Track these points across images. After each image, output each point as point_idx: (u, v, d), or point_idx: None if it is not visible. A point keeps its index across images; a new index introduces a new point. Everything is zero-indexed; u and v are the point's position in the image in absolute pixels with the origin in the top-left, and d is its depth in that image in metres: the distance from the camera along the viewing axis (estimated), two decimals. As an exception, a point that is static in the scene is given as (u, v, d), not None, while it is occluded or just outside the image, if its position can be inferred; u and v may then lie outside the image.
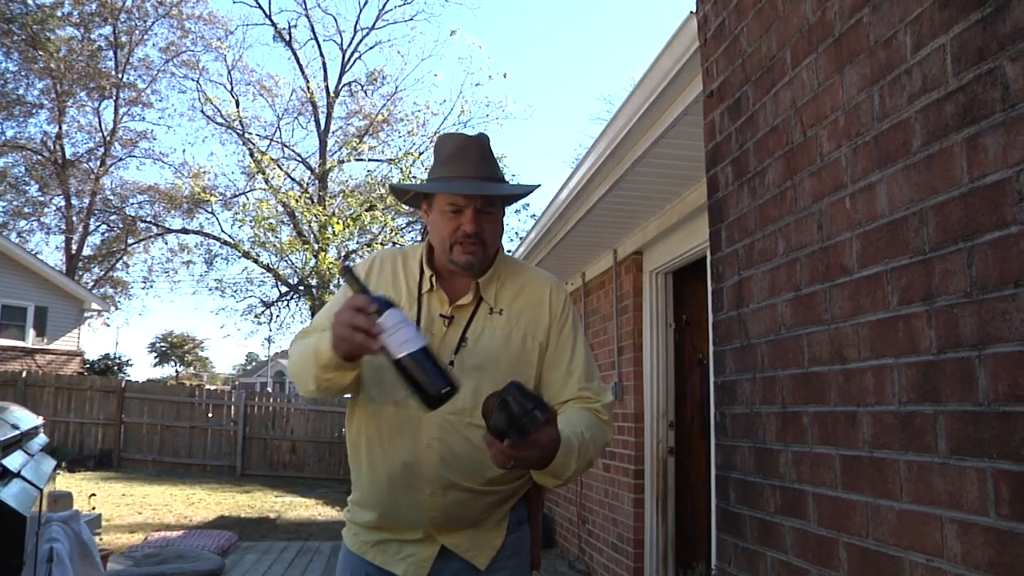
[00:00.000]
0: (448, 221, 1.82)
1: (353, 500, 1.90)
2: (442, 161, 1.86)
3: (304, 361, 1.74)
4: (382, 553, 1.83)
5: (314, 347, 1.70)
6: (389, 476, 1.78)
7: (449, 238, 1.82)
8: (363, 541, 1.86)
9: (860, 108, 1.68)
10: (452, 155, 1.85)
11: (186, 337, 58.88)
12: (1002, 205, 1.27)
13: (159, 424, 15.30)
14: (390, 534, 1.83)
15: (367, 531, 1.85)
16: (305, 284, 23.96)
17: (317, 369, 1.68)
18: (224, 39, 26.62)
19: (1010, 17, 1.27)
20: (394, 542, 1.82)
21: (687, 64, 3.14)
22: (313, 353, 1.69)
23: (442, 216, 1.82)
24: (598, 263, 6.27)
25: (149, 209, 27.36)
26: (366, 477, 1.83)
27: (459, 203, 1.81)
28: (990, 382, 1.29)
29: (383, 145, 26.41)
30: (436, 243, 1.86)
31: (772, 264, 2.03)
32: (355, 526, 1.88)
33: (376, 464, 1.81)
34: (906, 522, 1.48)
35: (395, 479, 1.78)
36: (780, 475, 1.95)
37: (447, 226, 1.82)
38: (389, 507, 1.81)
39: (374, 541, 1.84)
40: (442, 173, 1.84)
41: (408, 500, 1.78)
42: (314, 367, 1.69)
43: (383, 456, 1.80)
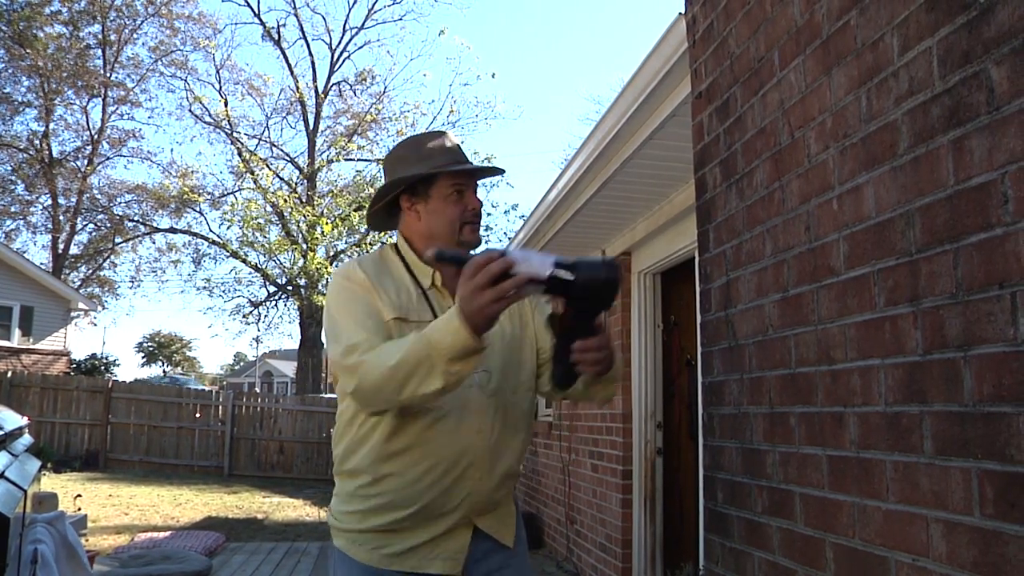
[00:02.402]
0: (453, 204, 1.89)
1: (365, 508, 1.79)
2: (425, 156, 1.91)
3: (410, 365, 1.59)
4: (413, 558, 1.78)
5: (424, 344, 1.58)
6: (435, 469, 1.77)
7: (459, 219, 1.89)
8: (386, 554, 1.77)
9: (847, 110, 1.68)
10: (434, 148, 1.93)
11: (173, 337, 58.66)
12: (987, 207, 1.28)
13: (146, 424, 15.22)
14: (423, 532, 1.79)
15: (390, 538, 1.78)
16: (293, 284, 23.91)
17: (444, 364, 1.56)
18: (212, 38, 26.54)
19: (995, 21, 1.28)
20: (425, 544, 1.79)
21: (676, 65, 3.15)
22: (426, 350, 1.57)
23: (446, 201, 1.89)
24: (587, 264, 6.26)
25: (137, 208, 27.24)
26: (399, 477, 1.76)
27: (462, 185, 1.90)
28: (975, 383, 1.29)
29: (372, 144, 26.40)
30: (442, 228, 1.89)
31: (760, 265, 2.03)
32: (369, 536, 1.78)
33: (417, 460, 1.77)
34: (892, 522, 1.49)
35: (443, 470, 1.78)
36: (767, 475, 1.95)
37: (454, 209, 1.89)
38: (430, 501, 1.78)
39: (403, 549, 1.78)
40: (433, 165, 1.89)
41: (456, 489, 1.79)
42: (439, 364, 1.56)
43: (431, 449, 1.77)
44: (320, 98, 26.88)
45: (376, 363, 1.65)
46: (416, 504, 1.77)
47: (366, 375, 1.65)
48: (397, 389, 1.61)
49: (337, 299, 1.83)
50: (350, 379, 1.67)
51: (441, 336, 1.56)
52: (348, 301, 1.82)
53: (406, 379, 1.59)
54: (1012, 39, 1.24)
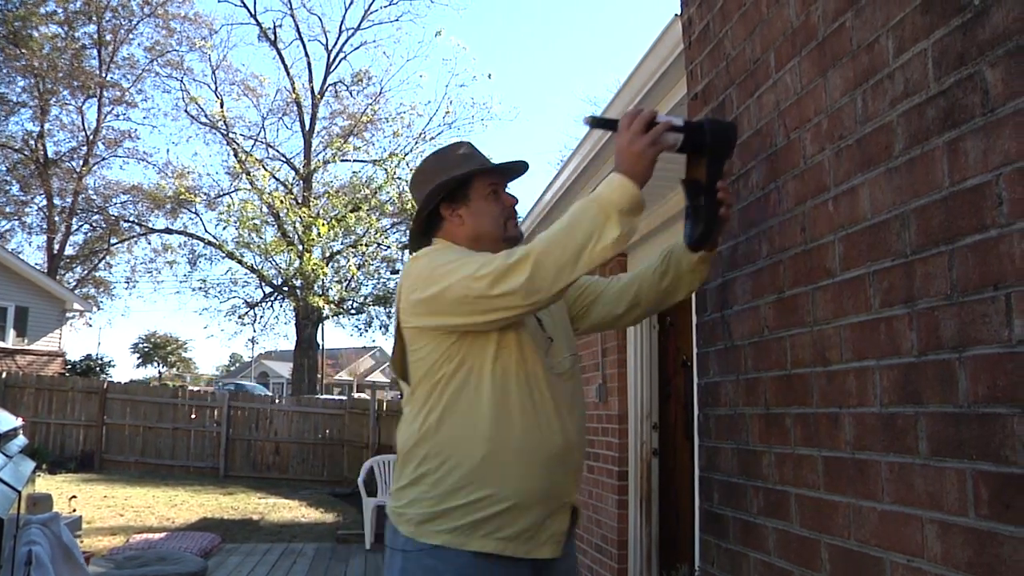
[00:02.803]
0: (494, 202, 2.02)
1: (475, 499, 1.77)
2: (455, 164, 2.01)
3: (585, 224, 1.71)
4: (526, 541, 1.80)
5: (593, 203, 1.74)
6: (549, 453, 1.84)
7: (502, 215, 2.03)
8: (501, 537, 1.78)
9: (843, 111, 1.69)
10: (462, 156, 2.04)
11: (169, 338, 58.57)
12: (982, 208, 1.28)
13: (141, 425, 15.19)
14: (535, 514, 1.81)
15: (504, 519, 1.78)
16: (289, 285, 23.91)
17: (616, 215, 1.70)
18: (208, 38, 26.52)
19: (989, 23, 1.28)
20: (535, 526, 1.82)
21: (672, 66, 3.16)
22: (596, 207, 1.72)
23: (486, 200, 2.01)
24: (583, 265, 6.26)
25: (132, 209, 27.25)
26: (516, 465, 1.79)
27: (497, 184, 2.04)
28: (970, 384, 1.30)
29: (368, 145, 26.40)
30: (488, 226, 2.00)
31: (755, 266, 2.04)
32: (482, 523, 1.77)
33: (529, 452, 1.82)
34: (887, 523, 1.49)
35: (556, 455, 1.86)
36: (763, 476, 1.96)
37: (496, 206, 2.02)
38: (548, 486, 1.84)
39: (518, 531, 1.79)
40: (465, 169, 1.99)
41: (564, 471, 1.88)
42: (613, 215, 1.70)
43: (545, 434, 1.85)
44: (316, 99, 26.88)
45: (545, 239, 1.74)
46: (530, 488, 1.80)
47: (540, 253, 1.71)
48: (577, 251, 1.69)
49: (439, 262, 1.85)
50: (518, 271, 1.70)
51: (609, 191, 1.75)
52: (451, 256, 1.86)
53: (585, 237, 1.70)
54: (1007, 41, 1.24)
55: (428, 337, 1.86)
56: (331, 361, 53.14)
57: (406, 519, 1.84)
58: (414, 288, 1.85)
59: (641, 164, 1.78)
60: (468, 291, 1.74)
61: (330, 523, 10.23)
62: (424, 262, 1.89)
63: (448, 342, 1.84)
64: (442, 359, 1.84)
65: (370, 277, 25.60)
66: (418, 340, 1.88)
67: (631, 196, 1.74)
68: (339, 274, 24.63)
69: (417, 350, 1.88)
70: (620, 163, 1.80)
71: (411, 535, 1.82)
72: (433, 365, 1.85)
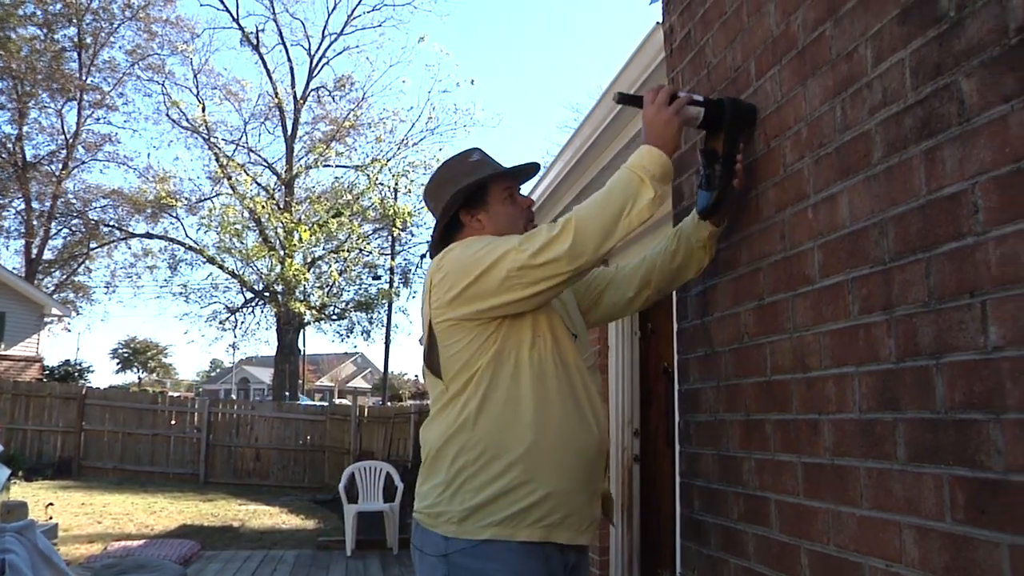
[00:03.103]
0: (512, 205, 2.09)
1: (520, 484, 1.78)
2: (469, 171, 2.06)
3: (620, 190, 1.81)
4: (569, 528, 1.84)
5: (626, 172, 1.85)
6: (587, 441, 1.90)
7: (521, 217, 2.10)
8: (547, 524, 1.80)
9: (822, 120, 1.70)
10: (475, 162, 2.09)
11: (149, 343, 58.10)
12: (958, 216, 1.30)
13: (121, 431, 15.07)
14: (576, 501, 1.86)
15: (546, 507, 1.79)
16: (271, 290, 23.80)
17: (650, 180, 1.82)
18: (190, 42, 26.41)
19: (964, 34, 1.30)
20: (576, 514, 1.86)
21: (654, 74, 3.17)
22: (629, 174, 1.84)
23: (504, 204, 2.07)
24: (565, 271, 6.27)
25: (112, 213, 27.02)
26: (558, 452, 1.82)
27: (512, 188, 2.11)
28: (947, 390, 1.31)
29: (350, 151, 26.34)
30: (508, 229, 2.03)
31: (736, 273, 2.05)
32: (526, 514, 1.77)
33: (569, 440, 1.86)
34: (866, 528, 1.50)
35: (592, 442, 1.91)
36: (743, 482, 1.96)
37: (514, 208, 2.09)
38: (588, 473, 1.89)
39: (562, 516, 1.82)
40: (481, 175, 2.04)
41: (599, 458, 1.95)
42: (646, 179, 1.81)
43: (583, 422, 1.90)
44: (299, 104, 26.82)
45: (585, 206, 1.84)
46: (572, 476, 1.84)
47: (580, 219, 1.79)
48: (616, 214, 1.79)
49: (474, 249, 1.88)
50: (562, 238, 1.77)
51: (640, 159, 1.87)
52: (484, 242, 1.90)
53: (623, 201, 1.80)
54: (981, 52, 1.26)
55: (464, 330, 1.86)
56: (312, 367, 52.92)
57: (446, 518, 1.80)
58: (449, 280, 1.86)
59: (668, 132, 1.90)
60: (512, 263, 1.78)
61: (311, 530, 10.18)
62: (456, 253, 1.91)
63: (486, 333, 1.85)
64: (479, 351, 1.85)
65: (352, 283, 25.55)
66: (453, 335, 1.88)
67: (662, 163, 1.86)
68: (321, 280, 24.55)
69: (452, 344, 1.88)
70: (649, 134, 1.91)
71: (455, 534, 1.78)
72: (471, 358, 1.85)
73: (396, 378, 53.34)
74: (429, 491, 1.87)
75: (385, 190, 23.71)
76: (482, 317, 1.85)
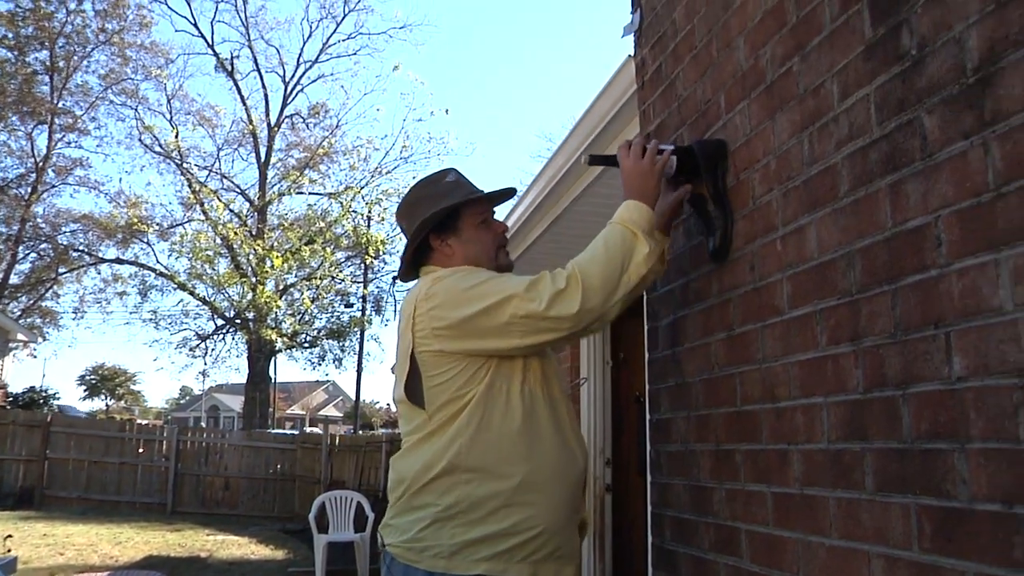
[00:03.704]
0: (485, 231, 2.06)
1: (507, 527, 1.75)
2: (443, 193, 2.02)
3: (617, 246, 1.82)
4: (558, 561, 1.83)
5: (615, 228, 1.85)
6: (575, 473, 1.90)
7: (493, 243, 2.06)
8: (538, 559, 1.77)
9: (791, 153, 1.73)
10: (449, 184, 2.05)
11: (117, 370, 57.24)
12: (923, 249, 1.32)
13: (86, 460, 14.79)
14: (562, 535, 1.85)
15: (536, 543, 1.77)
16: (242, 317, 23.60)
17: (641, 234, 1.83)
18: (165, 67, 26.32)
19: (926, 72, 1.33)
20: (563, 547, 1.85)
21: (625, 106, 3.21)
22: (621, 230, 1.84)
23: (478, 230, 2.04)
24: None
25: (82, 238, 26.68)
26: (550, 486, 1.82)
27: (487, 212, 2.08)
28: (913, 420, 1.32)
29: (324, 178, 26.30)
30: (479, 256, 2.01)
31: (706, 304, 2.06)
32: (520, 549, 1.75)
33: (559, 474, 1.86)
34: (835, 558, 1.51)
35: (579, 473, 1.93)
36: (714, 512, 1.97)
37: (487, 234, 2.06)
38: (575, 505, 1.90)
39: (551, 551, 1.81)
40: (455, 199, 2.01)
41: (582, 489, 1.95)
42: (639, 234, 1.83)
43: (571, 454, 1.90)
44: (272, 131, 26.78)
45: (584, 263, 1.82)
46: (562, 509, 1.84)
47: (586, 276, 1.78)
48: (618, 271, 1.79)
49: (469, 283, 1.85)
50: (569, 296, 1.76)
51: (627, 213, 1.87)
52: (480, 277, 1.88)
53: (621, 257, 1.80)
54: (941, 90, 1.29)
55: (454, 360, 1.82)
56: (283, 395, 52.38)
57: (433, 552, 1.75)
58: (441, 311, 1.82)
59: (650, 184, 1.91)
60: (517, 310, 1.76)
61: (280, 560, 10.03)
62: (449, 283, 1.86)
63: (476, 365, 1.82)
64: (469, 383, 1.81)
65: (324, 311, 25.40)
66: (440, 365, 1.83)
67: (649, 217, 1.87)
68: (293, 307, 24.39)
69: (438, 375, 1.83)
70: (630, 188, 1.93)
71: (444, 569, 1.73)
72: (460, 389, 1.81)
73: (368, 406, 52.95)
74: (410, 524, 1.81)
75: (358, 218, 23.67)
76: (472, 355, 1.82)
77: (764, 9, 1.86)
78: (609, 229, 1.87)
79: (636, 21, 2.66)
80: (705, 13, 2.15)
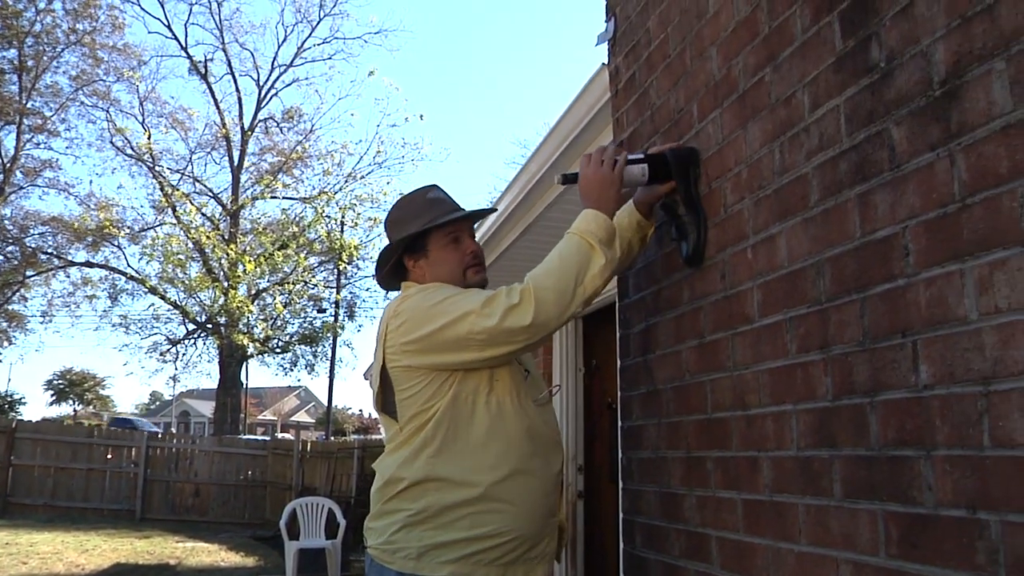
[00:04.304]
0: (453, 250, 2.06)
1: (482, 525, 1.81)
2: (418, 212, 2.06)
3: (572, 257, 1.82)
4: (525, 564, 1.87)
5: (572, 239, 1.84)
6: (546, 479, 1.93)
7: (461, 264, 2.06)
8: (505, 563, 1.83)
9: (762, 162, 1.74)
10: (425, 204, 2.08)
11: (86, 374, 56.49)
12: (890, 259, 1.34)
13: (53, 466, 14.57)
14: (539, 535, 1.90)
15: (506, 548, 1.83)
16: (214, 322, 23.39)
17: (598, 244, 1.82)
18: (137, 69, 26.05)
19: (894, 84, 1.35)
20: (534, 548, 1.89)
21: (599, 114, 3.22)
22: (577, 240, 1.83)
23: (445, 249, 2.06)
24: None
25: (51, 240, 26.30)
26: (519, 493, 1.85)
27: (457, 232, 2.07)
28: (881, 428, 1.34)
29: (297, 183, 26.15)
30: (447, 276, 2.03)
31: (678, 312, 2.08)
32: (487, 553, 1.81)
33: (529, 481, 1.88)
34: (804, 564, 1.52)
35: (551, 479, 1.95)
36: (684, 519, 1.97)
37: (455, 255, 2.06)
38: (547, 510, 1.92)
39: (519, 555, 1.85)
40: (424, 222, 2.03)
41: (556, 493, 1.98)
42: (595, 244, 1.82)
43: (542, 461, 1.93)
44: (246, 134, 26.60)
45: (540, 275, 1.83)
46: (532, 515, 1.87)
47: (539, 289, 1.79)
48: (572, 282, 1.80)
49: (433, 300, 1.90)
50: (523, 310, 1.78)
51: (585, 223, 1.85)
52: (444, 293, 1.91)
53: (576, 268, 1.80)
54: (909, 102, 1.31)
55: (421, 374, 1.89)
56: (255, 400, 51.96)
57: (403, 554, 1.84)
58: (407, 328, 1.89)
59: (608, 193, 1.90)
60: (473, 326, 1.80)
61: (251, 567, 9.94)
62: (414, 302, 1.93)
63: (442, 378, 1.88)
64: (436, 395, 1.88)
65: (296, 316, 25.24)
66: (409, 378, 1.91)
67: (606, 227, 1.86)
68: (265, 312, 24.21)
69: (407, 388, 1.91)
70: (588, 196, 1.91)
71: (412, 570, 1.82)
72: (428, 401, 1.88)
73: (340, 412, 52.65)
74: (385, 527, 1.90)
75: (332, 223, 23.55)
76: (436, 369, 1.88)
77: (737, 19, 1.88)
78: (566, 240, 1.88)
79: (610, 29, 2.67)
80: (679, 22, 2.17)
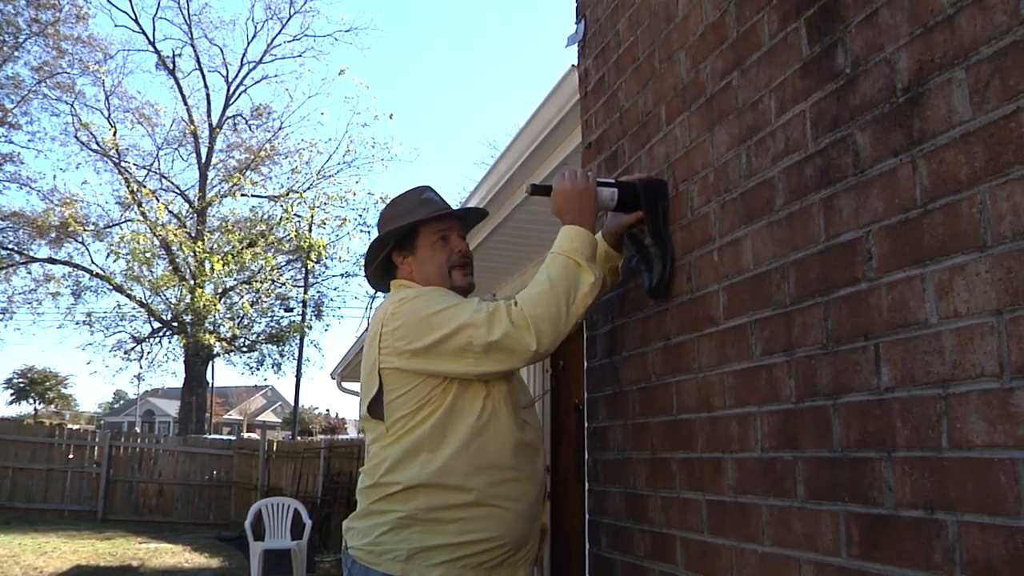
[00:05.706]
0: (441, 248, 2.06)
1: (472, 529, 1.83)
2: (407, 212, 2.07)
3: (560, 278, 1.82)
4: (510, 567, 1.89)
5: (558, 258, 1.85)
6: (537, 482, 1.99)
7: (446, 263, 2.06)
8: (490, 566, 1.84)
9: (728, 166, 1.76)
10: (416, 203, 2.08)
11: (48, 373, 55.58)
12: (854, 263, 1.35)
13: (11, 467, 14.31)
14: (525, 538, 1.94)
15: (492, 553, 1.84)
16: (179, 321, 23.13)
17: (584, 261, 1.84)
18: (103, 63, 25.68)
19: (859, 90, 1.36)
20: (519, 552, 1.92)
21: (568, 115, 3.23)
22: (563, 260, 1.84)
23: (432, 249, 2.05)
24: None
25: (12, 236, 25.83)
26: (512, 497, 1.89)
27: (446, 231, 2.07)
28: (843, 430, 1.35)
29: (266, 180, 25.92)
30: (433, 275, 2.04)
31: (643, 313, 2.08)
32: (475, 557, 1.83)
33: (519, 487, 1.91)
34: (768, 564, 1.53)
35: (540, 482, 2.00)
36: (649, 520, 1.98)
37: (441, 254, 2.06)
38: (535, 514, 1.97)
39: (503, 558, 1.87)
40: (419, 216, 2.04)
41: (542, 496, 2.04)
42: (582, 262, 1.83)
43: (534, 465, 1.97)
44: (214, 131, 26.34)
45: (533, 297, 1.81)
46: (523, 518, 1.91)
47: (537, 318, 1.79)
48: (565, 302, 1.80)
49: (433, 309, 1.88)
50: (524, 336, 1.78)
51: (568, 241, 1.86)
52: (445, 302, 1.90)
53: (568, 291, 1.81)
54: (873, 108, 1.33)
55: (413, 378, 1.88)
56: (221, 400, 51.46)
57: (391, 556, 1.82)
58: (405, 331, 1.88)
59: (585, 203, 1.91)
60: (472, 339, 1.80)
61: (215, 568, 9.84)
62: (413, 306, 1.91)
63: (436, 384, 1.88)
64: (431, 397, 1.87)
65: (263, 315, 25.04)
66: (401, 380, 1.90)
67: (589, 241, 1.88)
68: (232, 310, 23.99)
69: (398, 388, 1.90)
70: (567, 210, 1.92)
71: (400, 572, 1.80)
72: (423, 403, 1.88)
73: (307, 412, 52.33)
74: (371, 528, 1.88)
75: (301, 222, 23.40)
76: (428, 375, 1.89)
77: (706, 24, 1.89)
78: (551, 261, 1.88)
79: (580, 31, 2.68)
80: (648, 25, 2.18)
